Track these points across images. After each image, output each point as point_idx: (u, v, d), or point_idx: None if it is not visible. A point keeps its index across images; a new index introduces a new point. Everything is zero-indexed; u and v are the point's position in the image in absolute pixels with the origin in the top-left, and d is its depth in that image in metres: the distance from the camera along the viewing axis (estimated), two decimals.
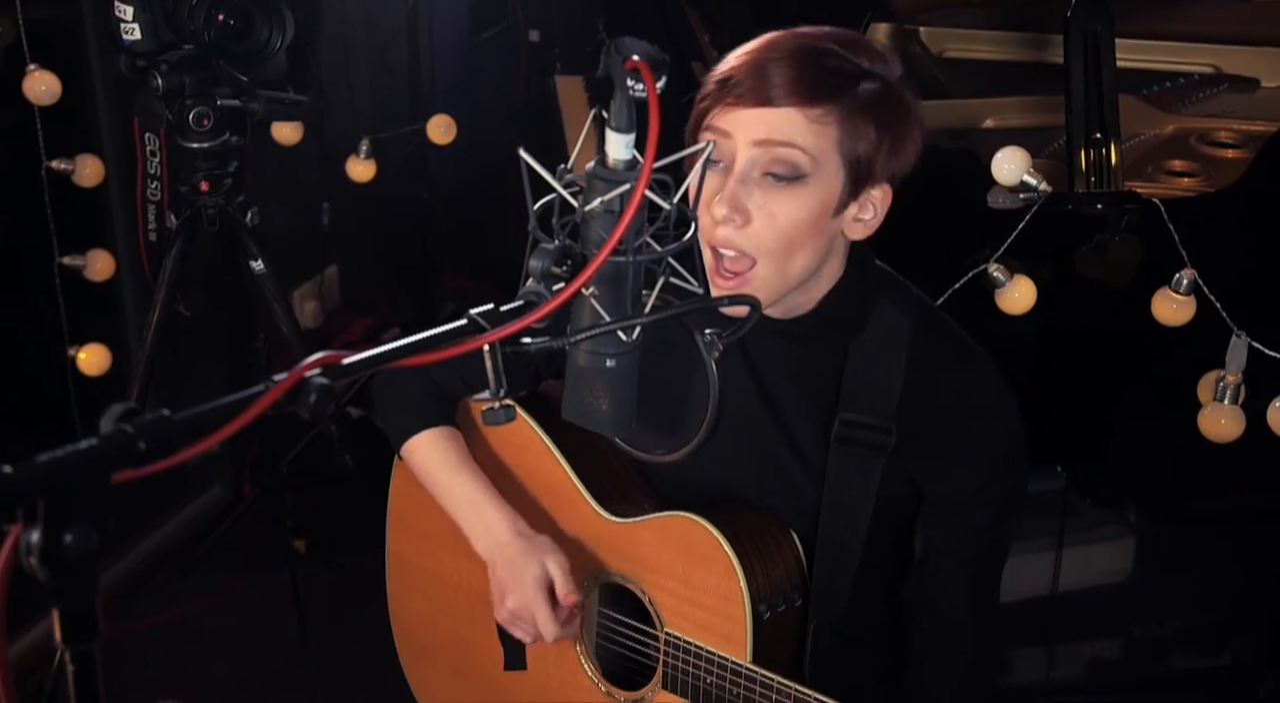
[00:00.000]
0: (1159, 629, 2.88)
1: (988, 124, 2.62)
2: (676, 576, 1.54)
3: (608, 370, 1.09)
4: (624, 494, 1.63)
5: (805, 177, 1.37)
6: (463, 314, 0.98)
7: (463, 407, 1.72)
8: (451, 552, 1.72)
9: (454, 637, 1.76)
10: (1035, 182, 2.00)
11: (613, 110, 1.03)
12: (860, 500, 1.51)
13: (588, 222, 1.05)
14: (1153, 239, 2.04)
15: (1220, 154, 2.49)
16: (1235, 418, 1.82)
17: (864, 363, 1.50)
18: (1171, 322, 1.92)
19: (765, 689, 1.46)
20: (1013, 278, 1.97)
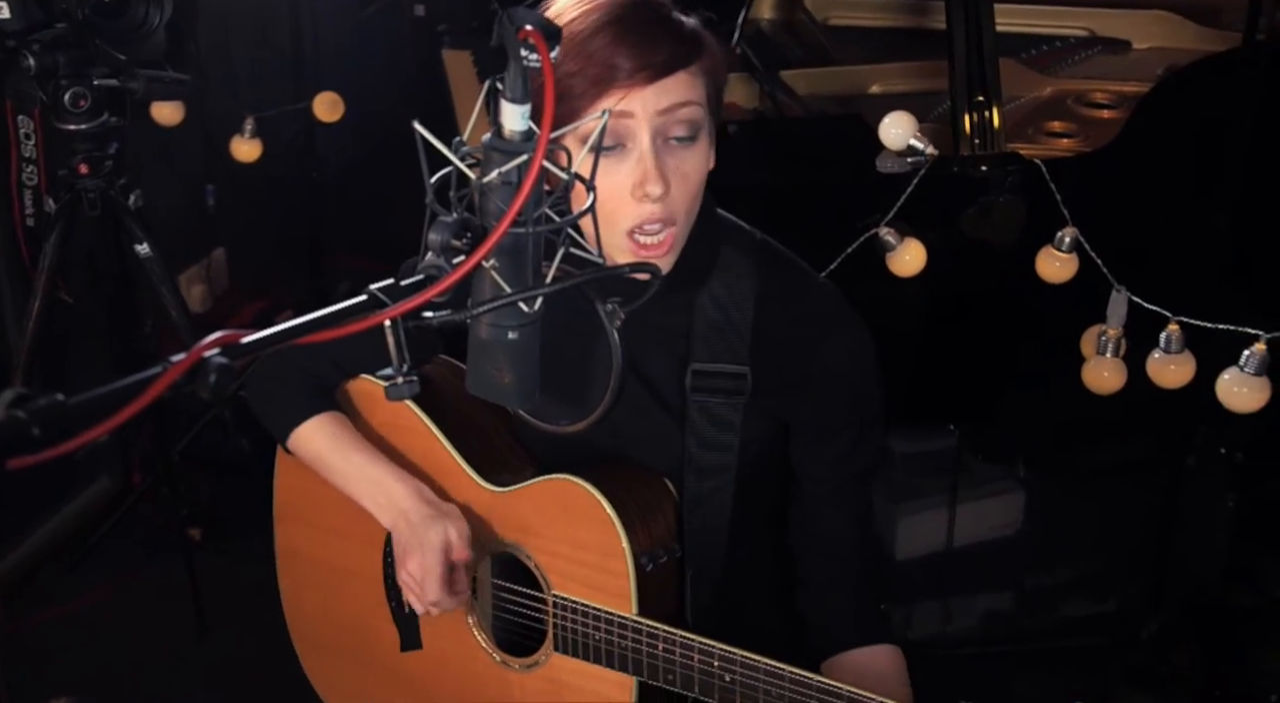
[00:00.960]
0: (1049, 579, 2.96)
1: (874, 90, 2.66)
2: (560, 537, 1.56)
3: (510, 342, 1.10)
4: (504, 464, 1.65)
5: (700, 129, 1.40)
6: (361, 291, 0.97)
7: (340, 393, 1.71)
8: (342, 539, 1.71)
9: (349, 625, 1.75)
10: (922, 146, 2.04)
11: (507, 81, 1.03)
12: (724, 447, 1.54)
13: (486, 194, 1.05)
14: (1035, 199, 2.10)
15: (1096, 114, 2.56)
16: (1117, 370, 1.88)
17: (714, 309, 1.53)
18: (1055, 279, 1.97)
19: (652, 639, 1.49)
20: (903, 241, 2.01)
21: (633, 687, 1.54)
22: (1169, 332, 1.77)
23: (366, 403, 1.69)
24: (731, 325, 1.51)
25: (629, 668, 1.52)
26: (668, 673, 1.49)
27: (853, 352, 1.54)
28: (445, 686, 1.69)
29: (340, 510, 1.67)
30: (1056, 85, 2.67)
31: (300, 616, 1.82)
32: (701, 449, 1.54)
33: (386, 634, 1.70)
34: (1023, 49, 2.80)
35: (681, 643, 1.47)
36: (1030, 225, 2.09)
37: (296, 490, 1.75)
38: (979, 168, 2.13)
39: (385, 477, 1.61)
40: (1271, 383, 1.73)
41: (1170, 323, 1.77)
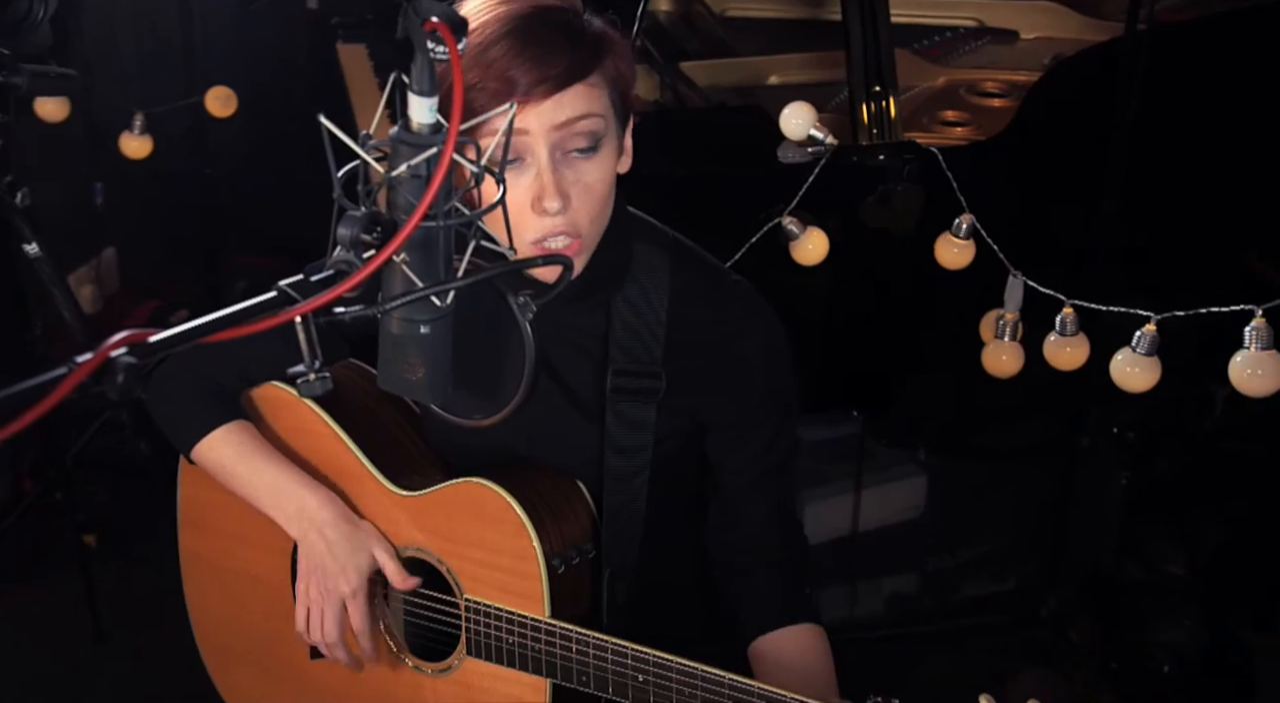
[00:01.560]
0: (951, 560, 3.03)
1: (772, 81, 2.69)
2: (471, 541, 1.55)
3: (422, 337, 1.09)
4: (413, 467, 1.63)
5: (601, 139, 1.39)
6: (270, 287, 0.95)
7: (244, 399, 1.69)
8: (248, 545, 1.68)
9: (257, 631, 1.73)
10: (822, 135, 2.06)
11: (414, 73, 1.02)
12: (639, 448, 1.55)
13: (395, 187, 1.04)
14: (932, 187, 2.14)
15: (988, 103, 2.62)
16: (1015, 354, 1.93)
17: (629, 311, 1.53)
18: (953, 265, 2.01)
19: (565, 641, 1.49)
20: (806, 230, 2.03)
21: (546, 689, 1.53)
22: (1064, 315, 1.82)
23: (270, 409, 1.66)
24: (647, 328, 1.51)
25: (542, 671, 1.52)
26: (581, 675, 1.49)
27: (767, 347, 1.56)
28: (356, 692, 1.67)
29: (246, 516, 1.64)
30: (949, 75, 2.72)
31: (206, 622, 1.79)
32: (617, 451, 1.54)
33: (296, 642, 1.68)
34: (915, 40, 2.84)
35: (595, 644, 1.47)
36: (928, 213, 2.13)
37: (201, 496, 1.71)
38: (877, 157, 2.17)
39: (294, 486, 1.58)
40: (1161, 363, 1.79)
41: (1065, 306, 1.81)
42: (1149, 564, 2.84)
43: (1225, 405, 2.99)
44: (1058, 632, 2.87)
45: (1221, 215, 2.59)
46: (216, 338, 0.88)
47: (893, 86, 2.18)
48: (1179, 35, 2.47)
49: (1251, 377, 1.50)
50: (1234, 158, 2.54)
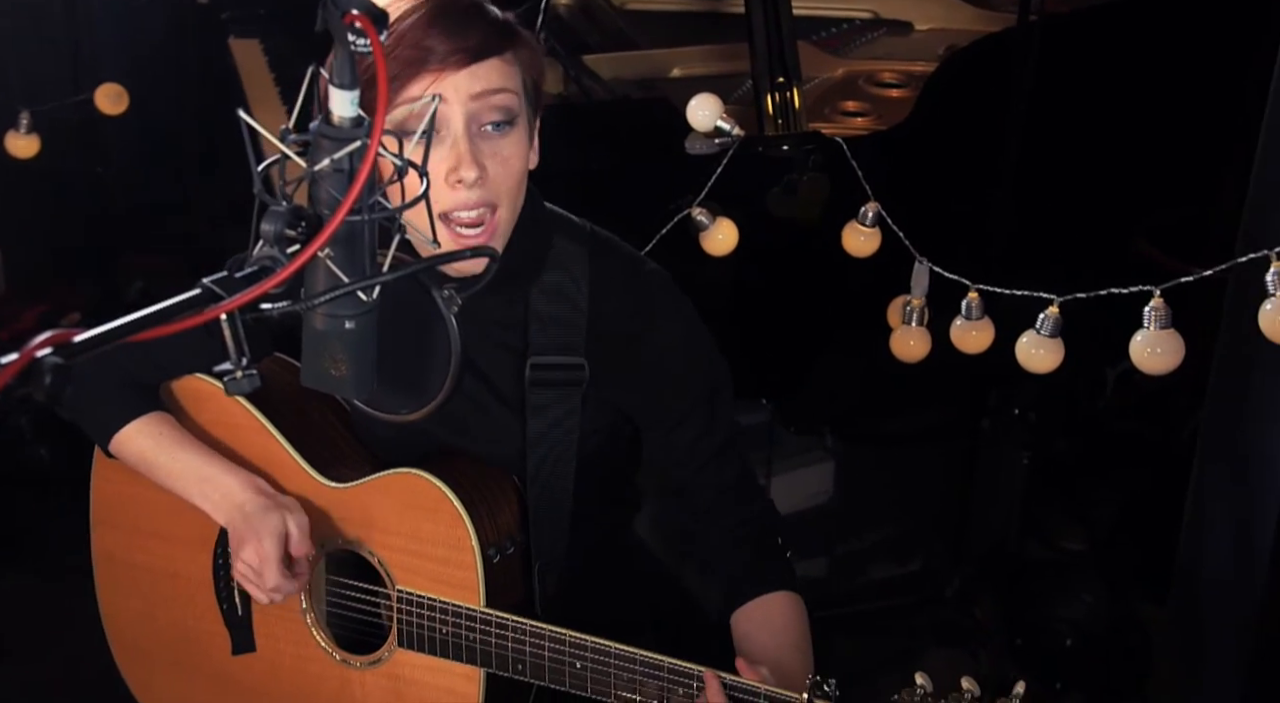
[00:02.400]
0: (858, 544, 3.07)
1: (675, 73, 2.70)
2: (404, 532, 1.54)
3: (347, 332, 1.08)
4: (342, 460, 1.62)
5: (516, 117, 1.41)
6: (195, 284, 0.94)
7: (165, 391, 1.66)
8: (166, 541, 1.66)
9: (175, 630, 1.70)
10: (729, 126, 2.08)
11: (334, 67, 1.01)
12: (563, 440, 1.56)
13: (318, 182, 1.03)
14: (837, 176, 2.17)
15: (886, 93, 2.66)
16: (922, 338, 1.96)
17: (549, 302, 1.54)
18: (860, 253, 2.04)
19: (501, 630, 1.49)
20: (715, 221, 2.05)
21: (480, 678, 1.53)
22: (969, 299, 1.85)
23: (193, 401, 1.64)
24: (567, 317, 1.52)
25: (477, 660, 1.52)
26: (517, 663, 1.49)
27: (687, 336, 1.57)
28: (280, 688, 1.65)
29: (164, 513, 1.61)
30: (847, 66, 2.76)
31: (121, 624, 1.75)
32: (541, 441, 1.54)
33: (217, 638, 1.66)
34: (813, 32, 2.88)
35: (531, 632, 1.47)
36: (834, 202, 2.16)
37: (115, 494, 1.68)
38: (784, 147, 2.19)
39: (217, 473, 1.57)
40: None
41: (970, 291, 1.85)
42: (1049, 542, 2.92)
43: (1115, 386, 3.08)
44: (962, 611, 2.94)
45: (1112, 202, 2.67)
46: (142, 337, 0.87)
47: (796, 77, 2.21)
48: (1069, 25, 2.54)
49: (1151, 355, 1.55)
50: (1123, 145, 2.62)
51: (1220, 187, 2.75)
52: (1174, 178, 2.73)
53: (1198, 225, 2.80)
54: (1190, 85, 2.64)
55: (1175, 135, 2.67)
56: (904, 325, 1.98)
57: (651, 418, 1.59)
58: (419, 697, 1.57)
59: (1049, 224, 2.55)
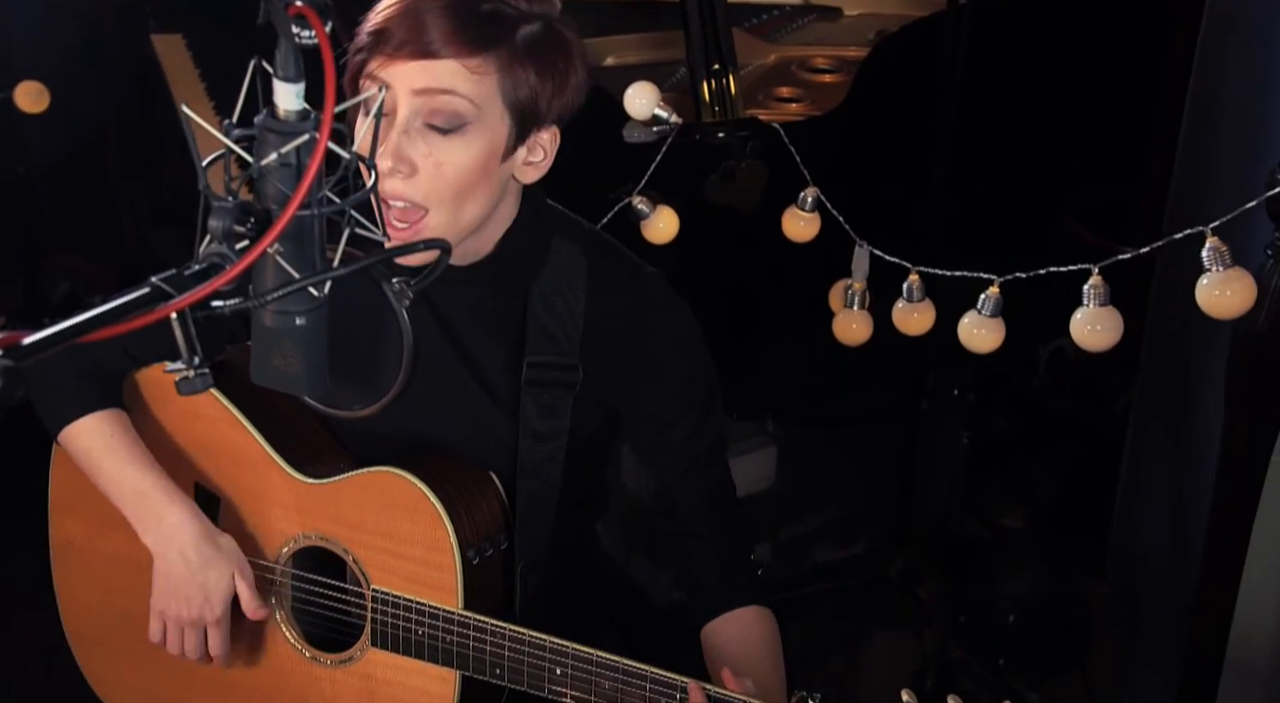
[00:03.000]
0: (802, 528, 3.09)
1: (609, 62, 2.70)
2: (381, 531, 1.52)
3: (297, 329, 1.06)
4: (318, 456, 1.60)
5: (467, 125, 1.37)
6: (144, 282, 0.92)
7: (129, 382, 1.62)
8: (128, 529, 1.62)
9: (135, 619, 1.66)
10: (666, 114, 2.07)
11: (278, 59, 1.00)
12: (554, 439, 1.54)
13: (264, 177, 1.01)
14: (775, 162, 2.17)
15: (819, 79, 2.68)
16: (864, 322, 1.97)
17: (546, 302, 1.53)
18: (800, 238, 2.05)
19: (480, 633, 1.48)
20: (655, 209, 2.04)
21: (455, 681, 1.52)
22: (910, 282, 1.87)
23: (162, 391, 1.61)
24: (564, 317, 1.51)
25: (454, 663, 1.50)
26: (495, 667, 1.48)
27: (683, 341, 1.57)
28: (245, 683, 1.63)
29: None
30: (779, 52, 2.77)
31: (78, 613, 1.72)
32: (532, 441, 1.53)
33: None
34: (745, 19, 2.89)
35: (511, 637, 1.46)
36: (774, 188, 2.17)
37: (76, 480, 1.64)
38: (722, 134, 2.19)
39: (157, 493, 1.54)
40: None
41: (911, 273, 1.87)
42: (989, 520, 2.95)
43: (1047, 365, 3.12)
44: (906, 591, 2.97)
45: (1041, 183, 2.70)
46: (91, 337, 0.85)
47: (732, 64, 2.21)
48: (997, 8, 2.56)
49: (1092, 332, 1.57)
50: (1051, 127, 2.65)
51: (1145, 167, 2.79)
52: (1100, 159, 2.77)
53: (1124, 205, 2.85)
54: (1115, 67, 2.68)
55: (1101, 116, 2.70)
56: (846, 309, 1.99)
57: (644, 418, 1.58)
58: (391, 697, 1.55)
59: (982, 206, 2.58)
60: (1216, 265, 1.48)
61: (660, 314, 1.57)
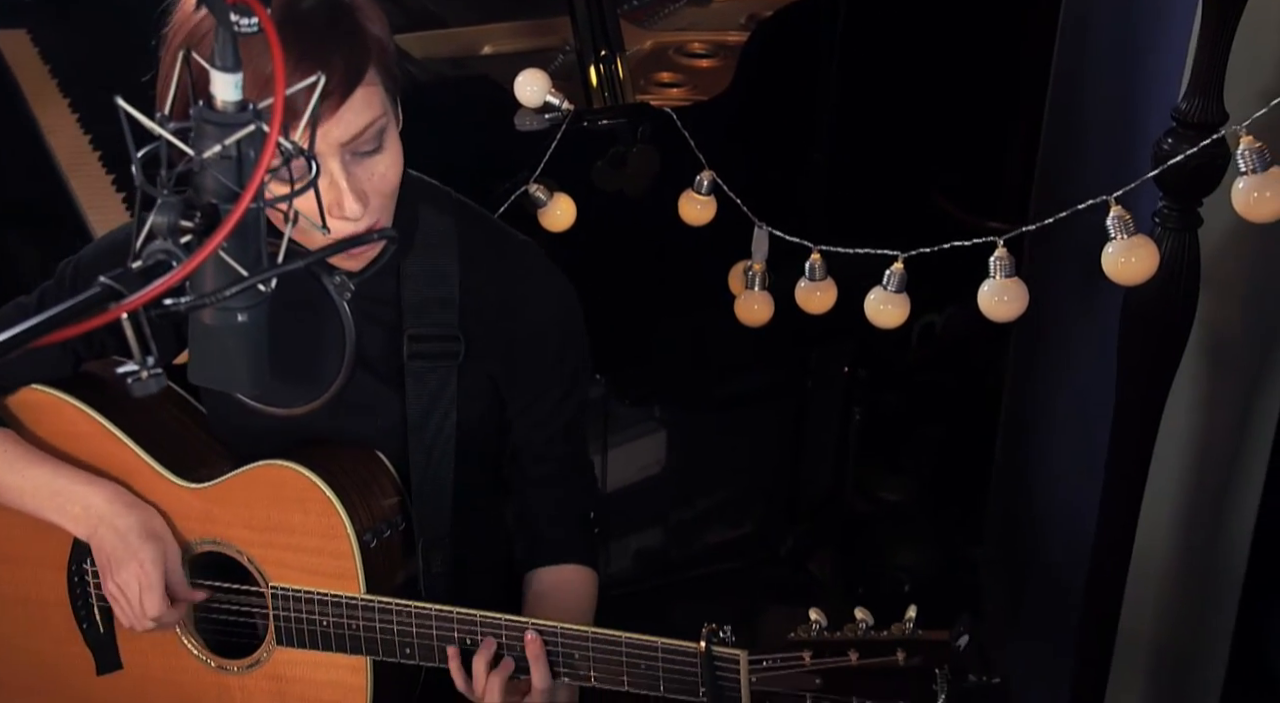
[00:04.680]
0: (692, 511, 3.12)
1: (486, 50, 2.67)
2: (273, 526, 1.50)
3: (240, 326, 1.03)
4: (199, 460, 1.56)
5: (385, 132, 1.37)
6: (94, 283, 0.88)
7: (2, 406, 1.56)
8: (13, 564, 1.57)
9: (32, 658, 1.61)
10: (558, 101, 2.06)
11: (216, 49, 0.96)
12: (443, 413, 1.54)
13: (204, 170, 0.98)
14: (666, 147, 2.18)
15: (697, 64, 2.69)
16: (766, 302, 1.99)
17: (419, 277, 1.51)
18: (697, 221, 2.06)
19: (385, 615, 1.47)
20: (553, 196, 2.03)
21: (367, 667, 1.50)
22: (812, 260, 1.89)
23: (30, 414, 1.54)
24: (439, 289, 1.50)
25: (362, 649, 1.48)
26: (405, 647, 1.46)
27: (560, 307, 1.57)
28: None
29: (10, 535, 1.52)
30: (655, 38, 2.77)
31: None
32: (421, 416, 1.52)
33: (79, 660, 1.57)
34: (620, 3, 2.88)
35: (417, 613, 1.45)
36: (669, 173, 2.17)
37: None
38: (613, 120, 2.19)
39: (72, 485, 1.49)
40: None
41: (814, 252, 1.89)
42: (875, 494, 3.02)
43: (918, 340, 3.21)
44: (797, 568, 3.02)
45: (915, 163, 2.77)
46: (44, 341, 0.81)
47: (619, 49, 2.21)
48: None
49: (999, 303, 1.62)
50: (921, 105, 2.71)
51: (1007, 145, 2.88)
52: (966, 137, 2.85)
53: (989, 181, 2.93)
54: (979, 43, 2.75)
55: (968, 95, 2.78)
56: (747, 291, 2.01)
57: (517, 386, 1.59)
58: (303, 695, 1.53)
59: (861, 186, 2.62)
60: (1121, 233, 1.53)
61: (537, 284, 1.58)
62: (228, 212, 0.96)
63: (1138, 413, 1.77)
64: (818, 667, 1.37)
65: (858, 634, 1.39)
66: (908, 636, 1.38)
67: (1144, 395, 1.76)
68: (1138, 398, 1.76)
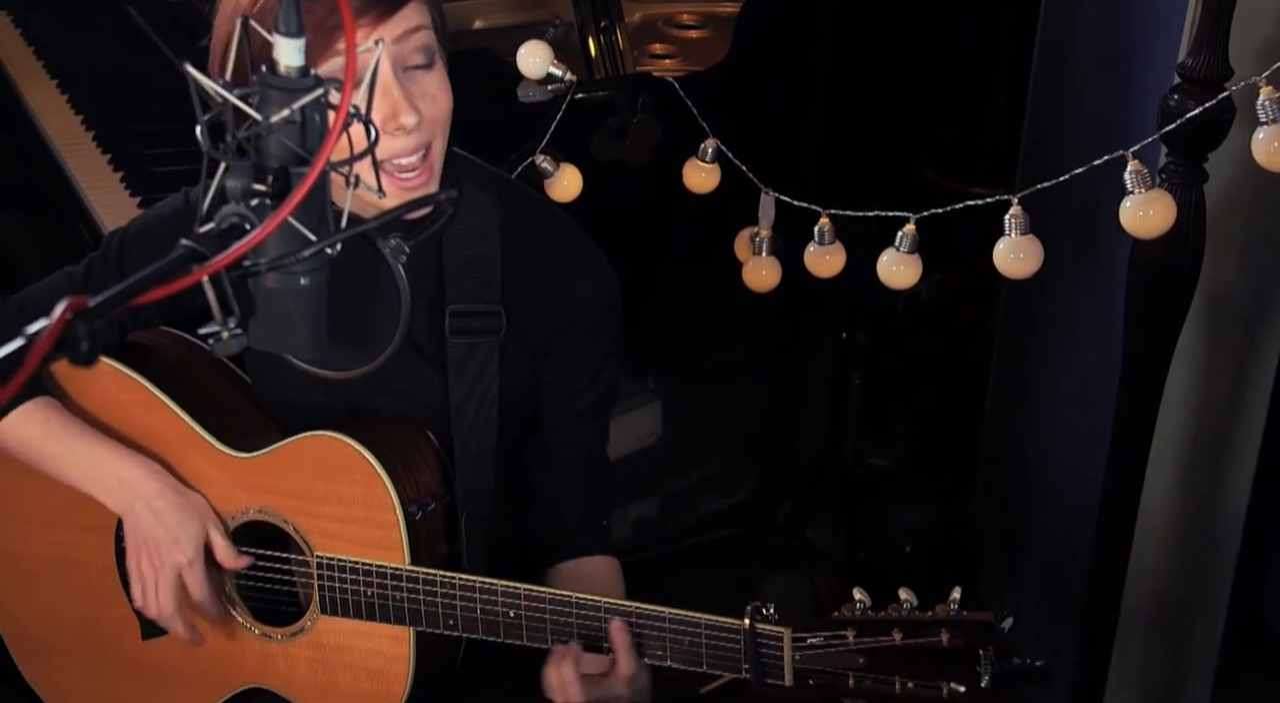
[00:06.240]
0: (687, 480, 3.15)
1: (477, 25, 2.67)
2: (320, 496, 1.51)
3: (302, 289, 1.05)
4: (246, 430, 1.58)
5: (435, 53, 1.40)
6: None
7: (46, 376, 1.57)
8: (64, 528, 1.57)
9: (79, 621, 1.61)
10: (561, 73, 2.07)
11: (280, 15, 0.98)
12: (485, 389, 1.55)
13: (269, 135, 0.99)
14: (666, 117, 2.20)
15: (688, 35, 2.71)
16: (774, 267, 2.02)
17: (462, 251, 1.53)
18: (701, 189, 2.08)
19: (429, 586, 1.48)
20: (559, 167, 2.05)
21: (410, 638, 1.51)
22: (821, 225, 1.92)
23: (77, 382, 1.55)
24: (481, 264, 1.51)
25: (405, 619, 1.50)
26: (448, 618, 1.48)
27: (602, 288, 1.59)
28: (197, 669, 1.59)
29: (57, 501, 1.53)
30: (643, 10, 2.79)
31: (16, 620, 1.66)
32: (464, 391, 1.53)
33: (125, 624, 1.58)
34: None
35: (461, 585, 1.47)
36: (670, 142, 2.19)
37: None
38: (617, 90, 2.21)
39: (112, 458, 1.50)
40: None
41: (822, 216, 1.92)
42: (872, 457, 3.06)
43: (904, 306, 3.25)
44: (794, 534, 3.06)
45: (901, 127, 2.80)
46: (143, 300, 0.83)
47: (619, 20, 2.22)
48: None
49: (1016, 260, 1.64)
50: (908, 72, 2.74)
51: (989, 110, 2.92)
52: (949, 102, 2.88)
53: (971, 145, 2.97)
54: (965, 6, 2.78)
55: (951, 59, 2.81)
56: (755, 257, 2.03)
57: (553, 360, 1.60)
58: (346, 663, 1.54)
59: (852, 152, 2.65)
60: (1139, 187, 1.56)
61: (581, 264, 1.59)
62: (296, 175, 0.97)
63: (1145, 368, 1.81)
64: (861, 646, 1.39)
65: (901, 614, 1.41)
66: (952, 616, 1.40)
67: (1151, 350, 1.79)
68: (1144, 353, 1.80)
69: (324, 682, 1.56)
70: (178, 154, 2.42)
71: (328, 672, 1.56)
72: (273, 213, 0.92)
